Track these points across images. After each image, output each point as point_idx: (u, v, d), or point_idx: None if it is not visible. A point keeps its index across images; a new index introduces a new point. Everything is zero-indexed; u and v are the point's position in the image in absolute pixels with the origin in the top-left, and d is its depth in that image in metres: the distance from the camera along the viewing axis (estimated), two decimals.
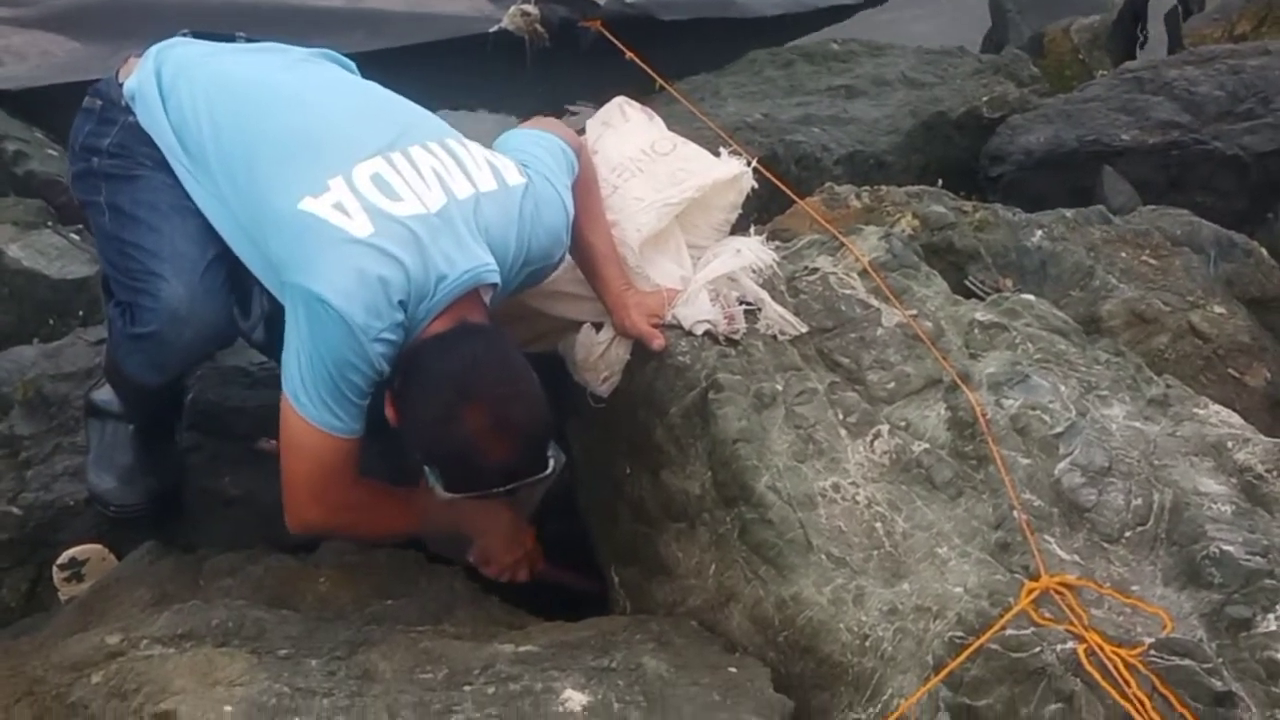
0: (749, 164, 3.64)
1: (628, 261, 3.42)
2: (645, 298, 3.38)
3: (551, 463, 2.93)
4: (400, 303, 2.82)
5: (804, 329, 3.36)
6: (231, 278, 3.16)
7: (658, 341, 3.31)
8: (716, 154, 3.67)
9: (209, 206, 3.10)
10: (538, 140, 3.26)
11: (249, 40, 3.46)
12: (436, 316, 2.88)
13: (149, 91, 3.17)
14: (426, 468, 2.91)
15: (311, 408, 2.88)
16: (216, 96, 3.12)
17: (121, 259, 3.17)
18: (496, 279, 2.95)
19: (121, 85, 3.24)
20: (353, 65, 3.47)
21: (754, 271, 3.40)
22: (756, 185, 3.66)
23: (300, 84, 3.21)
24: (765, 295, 3.36)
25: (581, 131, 3.78)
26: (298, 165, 2.96)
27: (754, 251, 3.46)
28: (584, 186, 3.33)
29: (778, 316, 3.35)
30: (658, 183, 3.54)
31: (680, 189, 3.50)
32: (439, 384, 2.81)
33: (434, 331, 2.88)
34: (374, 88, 3.31)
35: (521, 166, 3.12)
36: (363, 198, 2.88)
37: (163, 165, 3.15)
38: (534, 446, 2.89)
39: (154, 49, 3.29)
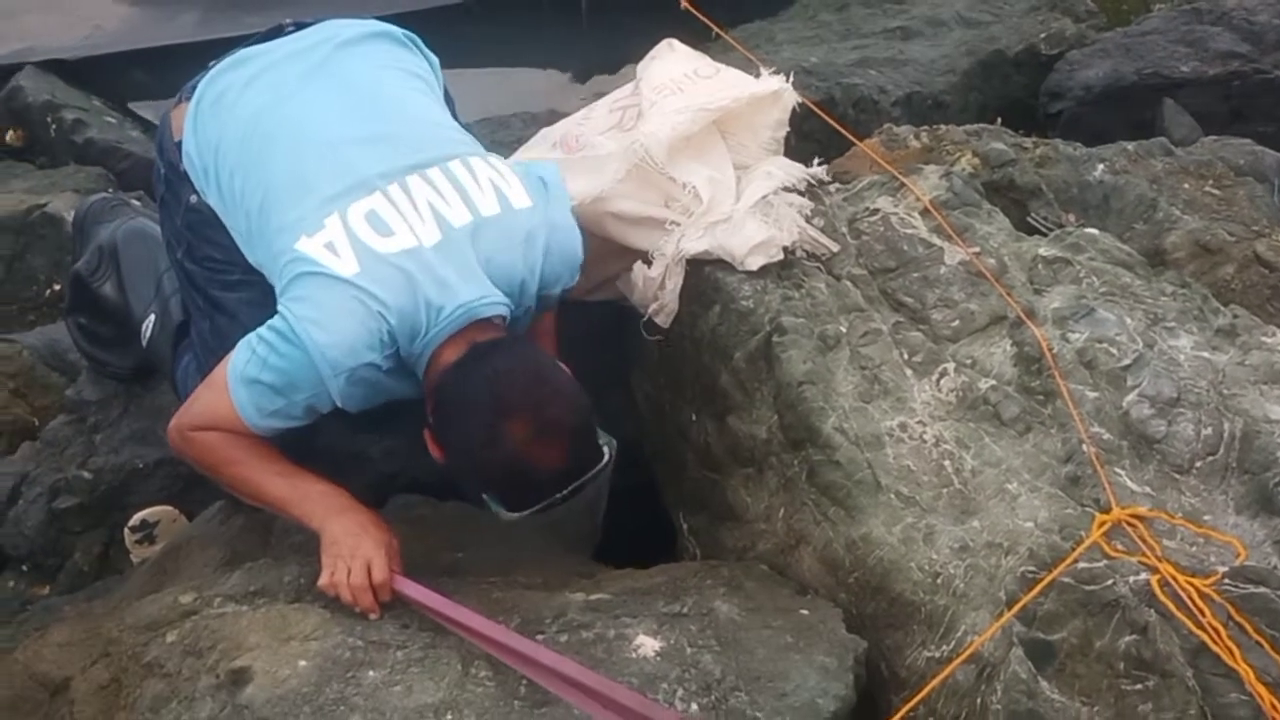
0: (787, 79, 3.63)
1: (655, 158, 3.38)
2: None
3: (606, 451, 2.87)
4: (382, 341, 2.80)
5: (836, 249, 3.39)
6: None
7: None
8: None
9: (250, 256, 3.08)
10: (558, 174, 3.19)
11: (297, 27, 3.36)
12: (443, 346, 2.83)
13: (195, 165, 3.16)
14: (485, 496, 2.86)
15: (243, 392, 2.84)
16: (238, 146, 3.08)
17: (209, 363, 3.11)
18: (500, 310, 2.90)
19: (179, 144, 3.21)
20: (403, 36, 3.41)
21: (786, 189, 3.42)
22: (802, 101, 3.66)
23: (309, 110, 3.12)
24: (797, 217, 3.36)
25: None
26: (299, 206, 2.92)
27: (784, 169, 3.49)
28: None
29: (810, 238, 3.36)
30: (696, 99, 3.54)
31: (716, 98, 3.51)
32: (471, 408, 2.75)
33: (447, 361, 2.83)
34: (385, 98, 3.21)
35: (539, 185, 3.07)
36: (354, 236, 2.84)
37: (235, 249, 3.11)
38: (584, 442, 2.83)
39: (194, 98, 3.22)
